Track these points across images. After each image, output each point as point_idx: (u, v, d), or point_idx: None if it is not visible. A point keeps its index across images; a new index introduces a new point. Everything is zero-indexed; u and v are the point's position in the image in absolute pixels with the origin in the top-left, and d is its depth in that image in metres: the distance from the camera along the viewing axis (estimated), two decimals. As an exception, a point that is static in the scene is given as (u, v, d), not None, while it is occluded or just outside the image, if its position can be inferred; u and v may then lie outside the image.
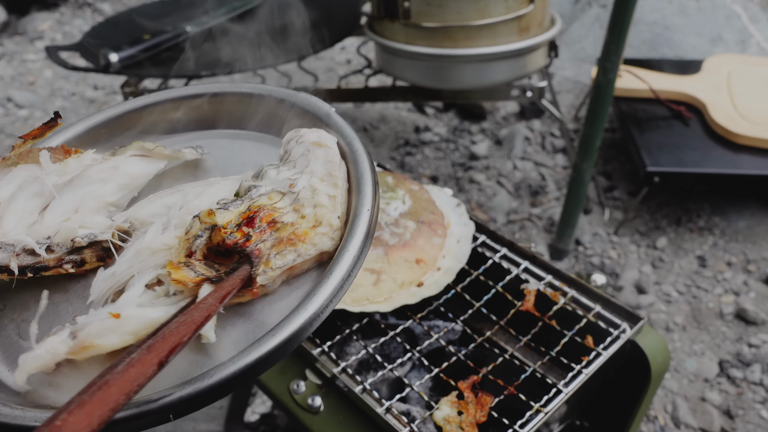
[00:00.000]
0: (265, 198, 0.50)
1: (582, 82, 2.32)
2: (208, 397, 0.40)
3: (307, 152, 0.53)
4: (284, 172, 0.52)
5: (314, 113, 0.59)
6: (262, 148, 0.62)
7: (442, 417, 0.72)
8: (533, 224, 1.80)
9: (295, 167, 0.53)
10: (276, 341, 0.41)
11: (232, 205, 0.49)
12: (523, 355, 0.86)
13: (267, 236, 0.47)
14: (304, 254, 0.48)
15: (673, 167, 1.63)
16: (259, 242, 0.47)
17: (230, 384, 0.40)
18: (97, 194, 0.55)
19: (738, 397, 1.36)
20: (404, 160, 2.04)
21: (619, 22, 1.29)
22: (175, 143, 0.64)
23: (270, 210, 0.49)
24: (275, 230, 0.48)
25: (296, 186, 0.51)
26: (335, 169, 0.52)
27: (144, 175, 0.58)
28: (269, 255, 0.46)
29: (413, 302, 0.82)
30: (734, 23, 2.40)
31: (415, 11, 1.38)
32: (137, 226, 0.53)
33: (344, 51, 2.62)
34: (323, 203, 0.50)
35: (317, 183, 0.51)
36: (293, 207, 0.49)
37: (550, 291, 0.85)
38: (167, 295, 0.47)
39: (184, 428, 1.27)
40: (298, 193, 0.50)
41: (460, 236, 0.90)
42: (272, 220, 0.48)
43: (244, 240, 0.47)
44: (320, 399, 0.76)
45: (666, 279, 1.63)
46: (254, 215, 0.48)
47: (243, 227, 0.47)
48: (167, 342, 0.39)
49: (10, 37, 2.86)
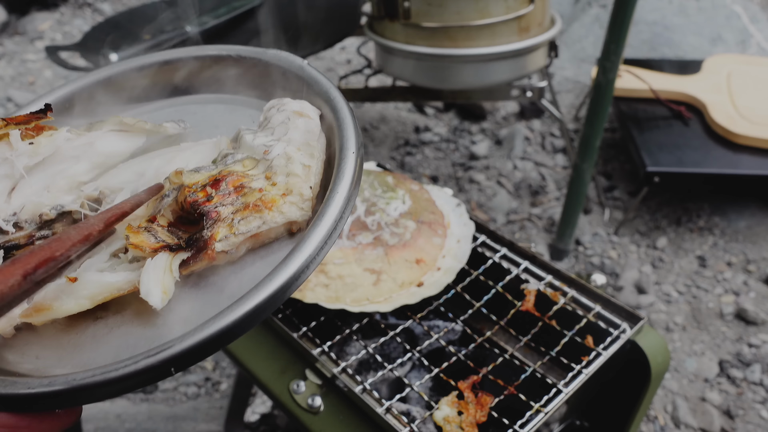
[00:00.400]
0: (239, 165, 0.49)
1: (582, 82, 2.32)
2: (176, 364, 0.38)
3: (287, 120, 0.52)
4: (260, 137, 0.51)
5: (286, 68, 0.57)
6: (235, 110, 0.60)
7: (442, 417, 0.72)
8: (533, 224, 1.80)
9: (273, 134, 0.51)
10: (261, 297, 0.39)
11: (205, 169, 0.48)
12: (523, 355, 0.86)
13: (231, 200, 0.46)
14: (270, 222, 0.46)
15: (673, 167, 1.63)
16: (219, 205, 0.45)
17: (206, 347, 0.38)
18: (68, 173, 0.52)
19: (738, 397, 1.36)
20: (404, 160, 2.04)
21: (619, 22, 1.29)
22: (142, 113, 0.62)
23: (240, 175, 0.47)
24: (241, 195, 0.46)
25: (271, 153, 0.49)
26: (314, 139, 0.51)
27: (120, 153, 0.55)
28: (233, 220, 0.45)
29: (413, 302, 0.82)
30: (734, 23, 2.40)
31: (415, 11, 1.38)
32: (107, 194, 0.51)
33: (344, 51, 2.62)
34: (297, 172, 0.48)
35: (293, 151, 0.49)
36: (265, 174, 0.48)
37: (550, 291, 0.85)
38: (131, 261, 0.45)
39: (184, 428, 1.27)
40: (272, 160, 0.49)
41: (460, 236, 0.90)
42: (240, 185, 0.47)
43: (204, 200, 0.45)
44: (320, 399, 0.76)
45: (666, 279, 1.63)
46: (222, 179, 0.47)
47: (207, 188, 0.46)
48: (35, 256, 0.37)
49: (10, 37, 2.86)
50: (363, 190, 0.91)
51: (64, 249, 0.39)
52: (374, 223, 0.87)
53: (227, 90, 0.62)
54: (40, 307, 0.42)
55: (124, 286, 0.43)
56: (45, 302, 0.42)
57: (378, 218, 0.88)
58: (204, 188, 0.46)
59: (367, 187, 0.92)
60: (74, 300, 0.42)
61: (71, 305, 0.42)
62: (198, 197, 0.45)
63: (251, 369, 0.81)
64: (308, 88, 0.56)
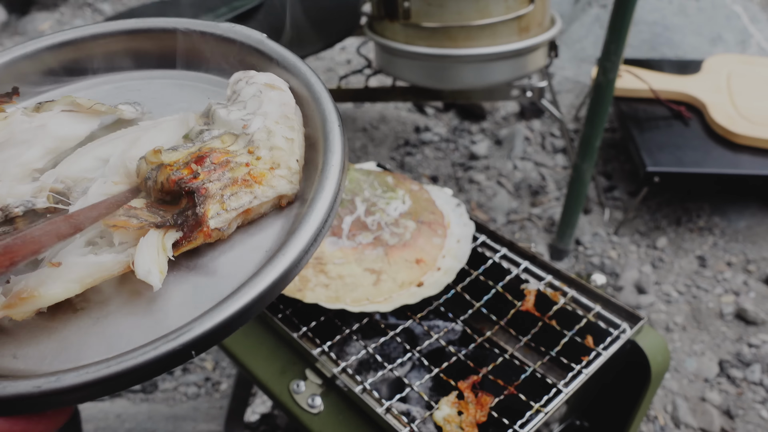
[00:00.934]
0: (217, 141, 0.47)
1: (582, 82, 2.32)
2: (167, 363, 0.35)
3: (260, 93, 0.50)
4: (235, 112, 0.49)
5: (243, 42, 0.54)
6: (184, 86, 0.57)
7: (442, 417, 0.72)
8: (533, 224, 1.80)
9: (246, 108, 0.49)
10: (258, 289, 0.37)
11: (183, 147, 0.46)
12: (523, 355, 0.86)
13: (218, 176, 0.44)
14: (261, 196, 0.44)
15: (673, 167, 1.63)
16: (207, 181, 0.44)
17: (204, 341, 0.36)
18: (20, 160, 0.47)
19: (738, 397, 1.36)
20: (404, 160, 2.04)
21: (619, 22, 1.29)
22: (77, 89, 0.57)
23: (222, 151, 0.46)
24: (228, 170, 0.45)
25: (250, 127, 0.47)
26: (291, 112, 0.49)
27: (75, 137, 0.50)
28: (223, 195, 0.43)
29: (413, 302, 0.82)
30: (734, 23, 2.40)
31: (415, 11, 1.38)
32: (71, 185, 0.47)
33: (344, 51, 2.62)
34: (280, 145, 0.46)
35: (272, 125, 0.47)
36: (248, 149, 0.46)
37: (550, 291, 0.85)
38: (110, 246, 0.42)
39: (184, 428, 1.27)
40: (253, 134, 0.47)
41: (460, 236, 0.90)
42: (224, 161, 0.45)
43: (190, 177, 0.43)
44: (320, 399, 0.76)
45: (666, 279, 1.63)
46: (204, 155, 0.45)
47: (191, 165, 0.44)
48: (25, 247, 0.36)
49: (10, 37, 2.86)
50: (363, 190, 0.91)
51: (35, 249, 0.37)
52: (374, 223, 0.87)
53: (174, 65, 0.58)
54: (24, 296, 0.38)
55: (114, 266, 0.41)
56: (28, 290, 0.38)
57: (378, 218, 0.88)
58: (188, 165, 0.44)
59: (367, 187, 0.92)
60: (62, 284, 0.39)
61: (58, 290, 0.39)
62: (183, 175, 0.43)
63: (251, 369, 0.81)
64: (270, 62, 0.53)
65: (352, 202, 0.88)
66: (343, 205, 0.88)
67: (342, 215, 0.87)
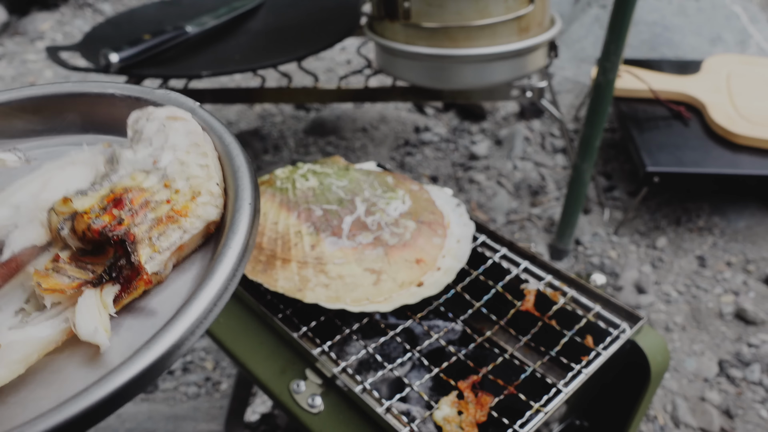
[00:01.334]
0: (127, 179, 0.44)
1: (582, 82, 2.32)
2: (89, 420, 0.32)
3: (163, 127, 0.48)
4: (142, 150, 0.46)
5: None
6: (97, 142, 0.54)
7: (442, 417, 0.72)
8: (533, 224, 1.80)
9: (152, 144, 0.47)
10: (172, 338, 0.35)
11: (91, 190, 0.44)
12: (523, 355, 0.86)
13: (142, 218, 0.42)
14: (190, 229, 0.43)
15: (672, 167, 1.63)
16: (133, 226, 0.41)
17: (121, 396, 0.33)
18: None
19: (737, 396, 1.36)
20: (404, 160, 2.04)
21: (619, 22, 1.29)
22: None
23: (138, 191, 0.43)
24: (150, 210, 0.43)
25: (161, 161, 0.45)
26: (200, 139, 0.47)
27: None
28: (151, 237, 0.41)
29: (413, 302, 0.82)
30: (734, 23, 2.40)
31: (415, 11, 1.38)
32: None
33: (344, 51, 2.62)
34: (196, 174, 0.45)
35: (183, 155, 0.46)
36: (163, 183, 0.44)
37: (550, 291, 0.85)
38: (40, 310, 0.40)
39: (185, 428, 1.27)
40: (165, 168, 0.45)
41: (460, 236, 0.90)
42: (144, 201, 0.43)
43: (115, 224, 0.41)
44: (320, 399, 0.76)
45: (666, 279, 1.63)
46: (121, 197, 0.43)
47: (112, 210, 0.42)
48: None
49: (11, 37, 2.86)
50: (363, 190, 0.91)
51: None
52: (374, 223, 0.87)
53: (105, 130, 0.56)
54: None
55: (56, 336, 0.38)
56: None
57: (378, 218, 0.88)
58: (107, 211, 0.42)
59: (367, 187, 0.92)
60: (5, 368, 0.36)
61: (4, 374, 0.36)
62: (106, 222, 0.41)
63: (251, 369, 0.82)
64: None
65: (352, 202, 0.88)
66: (344, 205, 0.88)
67: (342, 215, 0.87)
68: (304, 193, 0.89)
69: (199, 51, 1.63)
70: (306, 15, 1.83)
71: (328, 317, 0.84)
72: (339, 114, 2.24)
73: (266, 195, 0.90)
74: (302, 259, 0.83)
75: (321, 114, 2.25)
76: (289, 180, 0.91)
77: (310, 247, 0.83)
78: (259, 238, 0.86)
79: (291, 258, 0.83)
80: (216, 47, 1.65)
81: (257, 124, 2.23)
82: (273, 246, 0.84)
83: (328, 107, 2.28)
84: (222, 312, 0.94)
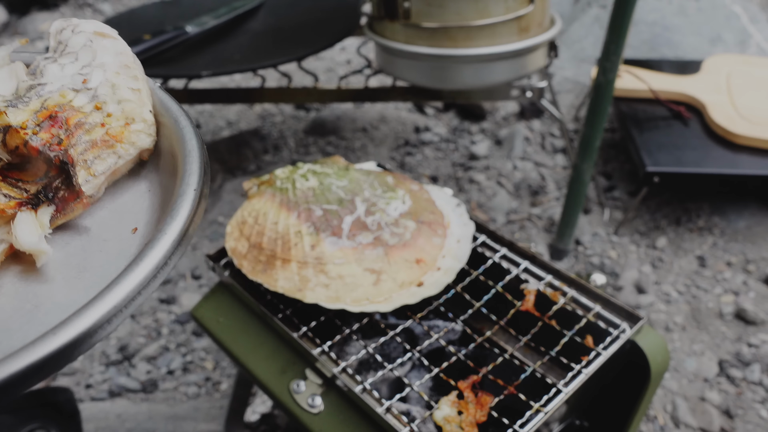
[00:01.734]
0: (57, 96, 0.43)
1: (582, 82, 2.32)
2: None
3: (90, 43, 0.46)
4: (69, 66, 0.45)
5: None
6: None
7: (442, 417, 0.72)
8: (533, 224, 1.80)
9: (78, 59, 0.46)
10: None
11: (20, 103, 0.42)
12: (523, 355, 0.86)
13: (77, 140, 0.41)
14: (125, 155, 0.43)
15: (672, 167, 1.63)
16: (70, 147, 0.41)
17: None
18: None
19: (737, 396, 1.36)
20: (404, 160, 2.04)
21: (619, 22, 1.29)
22: None
23: (72, 110, 0.43)
24: (85, 132, 0.42)
25: (91, 81, 0.44)
26: (130, 60, 0.47)
27: None
28: (87, 160, 0.41)
29: (413, 302, 0.82)
30: (734, 23, 2.40)
31: (415, 11, 1.38)
32: None
33: (344, 51, 2.62)
34: (128, 98, 0.44)
35: (114, 77, 0.45)
36: (95, 105, 0.44)
37: (550, 291, 0.85)
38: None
39: (185, 428, 1.27)
40: (96, 88, 0.44)
41: (460, 236, 0.90)
42: (78, 122, 0.42)
43: (54, 143, 0.40)
44: (320, 399, 0.76)
45: (666, 279, 1.63)
46: (56, 115, 0.42)
47: (51, 129, 0.41)
48: None
49: (11, 37, 2.86)
50: (363, 190, 0.91)
51: None
52: (374, 223, 0.87)
53: None
54: None
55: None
56: None
57: (378, 218, 0.88)
58: (46, 129, 0.41)
59: (367, 187, 0.92)
60: None
61: None
62: (46, 140, 0.40)
63: (251, 369, 0.82)
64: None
65: (352, 202, 0.89)
66: (344, 205, 0.88)
67: (342, 215, 0.87)
68: (304, 193, 0.89)
69: (199, 51, 1.63)
70: (306, 15, 1.83)
71: (328, 317, 0.84)
72: (339, 114, 2.24)
73: (266, 195, 0.90)
74: (302, 259, 0.83)
75: (321, 114, 2.25)
76: (289, 180, 0.91)
77: (310, 247, 0.83)
78: (259, 238, 0.86)
79: (291, 258, 0.83)
80: (216, 47, 1.65)
81: (257, 124, 2.23)
82: (273, 246, 0.84)
83: (328, 107, 2.28)
84: (222, 312, 0.94)
